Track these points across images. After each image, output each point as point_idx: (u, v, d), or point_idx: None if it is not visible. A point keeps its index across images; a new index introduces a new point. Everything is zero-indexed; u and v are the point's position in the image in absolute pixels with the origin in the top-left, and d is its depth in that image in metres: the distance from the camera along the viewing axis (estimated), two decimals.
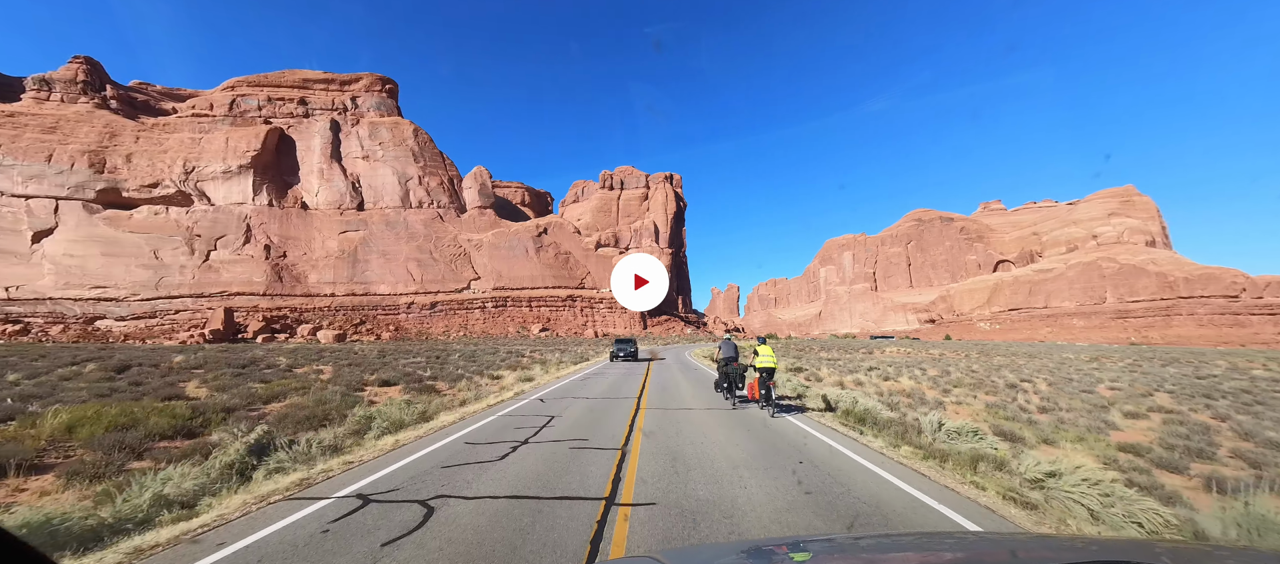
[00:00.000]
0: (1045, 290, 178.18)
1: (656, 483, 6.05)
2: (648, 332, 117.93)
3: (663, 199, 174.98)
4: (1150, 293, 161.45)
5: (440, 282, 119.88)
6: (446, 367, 27.54)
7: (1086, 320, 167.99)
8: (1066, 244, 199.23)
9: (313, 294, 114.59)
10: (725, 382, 14.06)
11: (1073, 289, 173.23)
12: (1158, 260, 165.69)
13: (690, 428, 10.54)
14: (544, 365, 28.75)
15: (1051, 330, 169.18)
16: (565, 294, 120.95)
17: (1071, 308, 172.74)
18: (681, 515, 4.92)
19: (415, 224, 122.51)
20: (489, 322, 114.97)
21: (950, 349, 77.94)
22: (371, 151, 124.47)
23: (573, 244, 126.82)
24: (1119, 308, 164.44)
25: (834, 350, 69.18)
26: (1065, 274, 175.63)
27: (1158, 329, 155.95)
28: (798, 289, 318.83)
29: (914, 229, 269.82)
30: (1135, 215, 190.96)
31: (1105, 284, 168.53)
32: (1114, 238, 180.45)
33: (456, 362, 33.14)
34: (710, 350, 63.28)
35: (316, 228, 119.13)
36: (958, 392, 21.23)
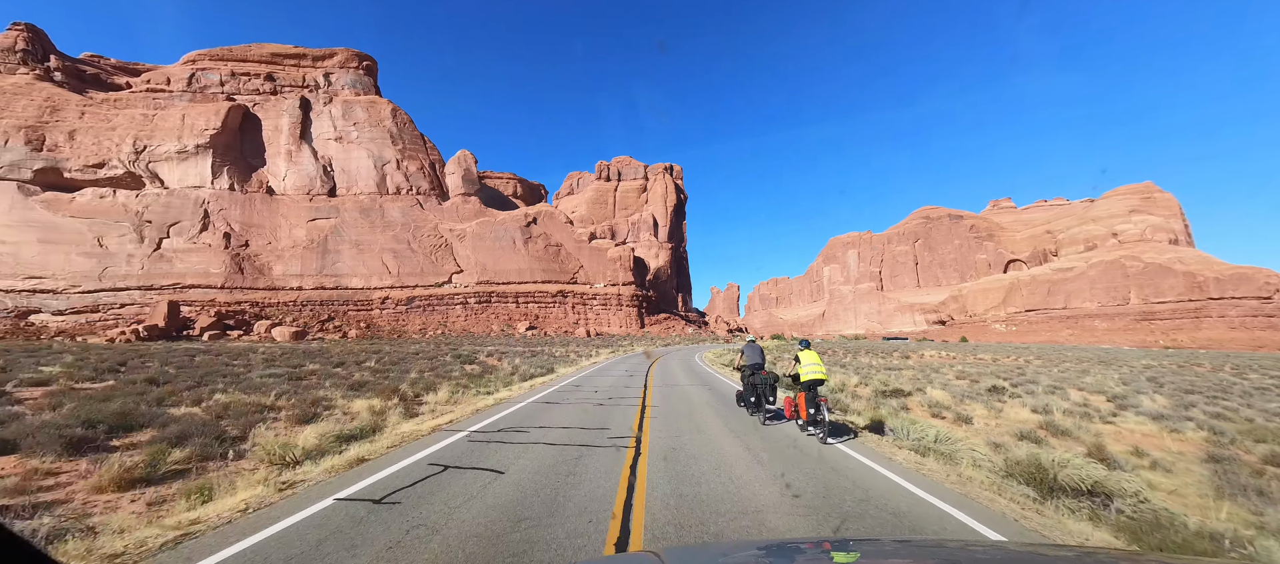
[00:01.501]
0: (1065, 290, 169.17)
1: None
2: (645, 331, 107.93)
3: (662, 191, 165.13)
4: (1177, 293, 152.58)
5: (419, 275, 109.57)
6: (387, 376, 17.70)
7: (1109, 322, 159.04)
8: (1084, 242, 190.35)
9: (277, 287, 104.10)
10: (752, 395, 10.71)
11: (1094, 289, 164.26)
12: (1185, 259, 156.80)
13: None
14: (506, 379, 18.71)
15: (1072, 333, 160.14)
16: (555, 290, 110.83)
17: (1093, 309, 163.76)
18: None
19: (392, 212, 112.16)
20: (471, 319, 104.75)
21: (988, 353, 68.24)
22: (345, 132, 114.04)
23: (564, 235, 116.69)
24: (1144, 309, 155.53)
25: (858, 353, 59.37)
26: (1086, 273, 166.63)
27: (1186, 331, 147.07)
28: (800, 288, 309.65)
29: (922, 227, 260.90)
30: (1157, 212, 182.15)
31: (1129, 284, 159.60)
32: (1137, 235, 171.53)
33: (393, 371, 22.99)
34: (720, 353, 53.51)
35: (283, 215, 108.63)
36: (1131, 421, 12.30)
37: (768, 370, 10.89)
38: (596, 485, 5.64)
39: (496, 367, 26.02)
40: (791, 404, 9.84)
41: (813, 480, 6.09)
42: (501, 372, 21.33)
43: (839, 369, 31.68)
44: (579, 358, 36.19)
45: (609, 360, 33.98)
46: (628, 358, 38.05)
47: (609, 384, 18.60)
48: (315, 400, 12.01)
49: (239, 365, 23.63)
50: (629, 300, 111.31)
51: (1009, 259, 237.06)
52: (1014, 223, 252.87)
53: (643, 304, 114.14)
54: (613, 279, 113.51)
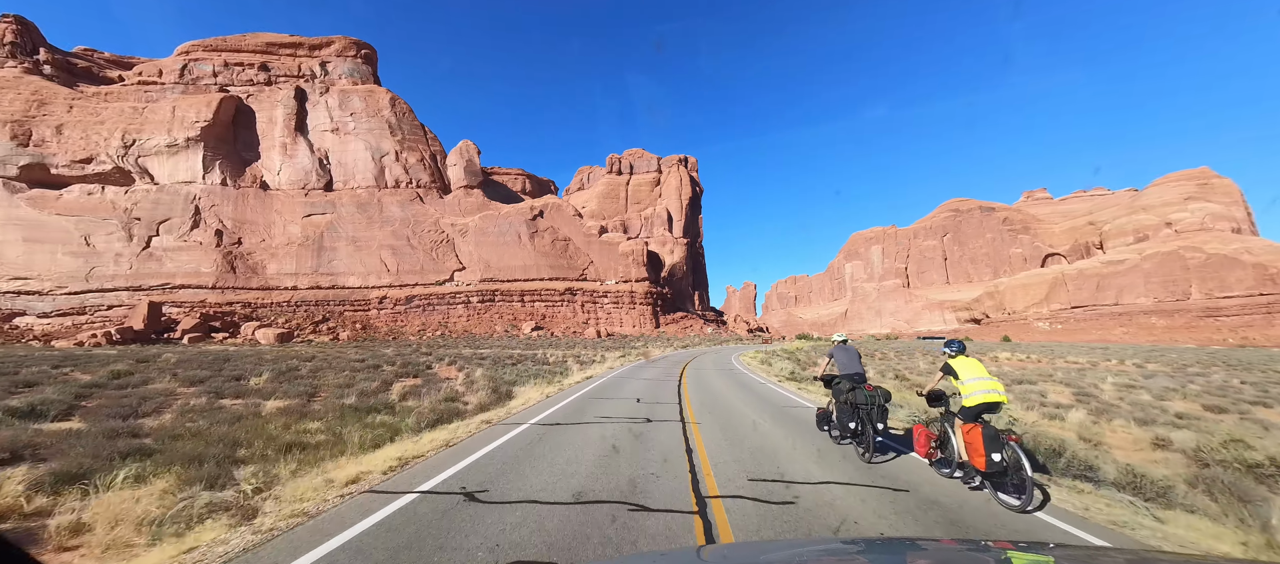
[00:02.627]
0: (1116, 285, 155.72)
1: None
2: (660, 331, 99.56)
3: (676, 183, 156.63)
4: (1246, 287, 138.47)
5: (418, 272, 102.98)
6: (350, 392, 9.91)
7: (1168, 319, 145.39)
8: (1135, 233, 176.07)
9: (270, 287, 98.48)
10: (850, 418, 7.55)
11: (1150, 283, 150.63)
12: (1253, 249, 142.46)
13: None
14: (499, 395, 10.43)
15: (1126, 331, 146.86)
16: (563, 287, 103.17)
17: (1148, 304, 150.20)
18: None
19: (391, 206, 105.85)
20: (474, 318, 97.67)
21: (1054, 354, 58.18)
22: (342, 123, 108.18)
23: (573, 229, 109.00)
24: (1207, 305, 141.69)
25: (911, 355, 50.08)
26: (1140, 266, 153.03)
27: (1258, 329, 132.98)
28: (820, 286, 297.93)
29: (950, 220, 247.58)
30: (1216, 199, 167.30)
31: (1190, 277, 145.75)
32: (1196, 224, 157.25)
33: (375, 378, 14.95)
34: (759, 355, 45.11)
35: (277, 211, 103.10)
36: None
37: (874, 384, 7.73)
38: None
39: (447, 378, 18.04)
40: (929, 438, 6.83)
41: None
42: (444, 394, 13.22)
43: (905, 376, 23.10)
44: (581, 363, 28.12)
45: (617, 371, 25.84)
46: (644, 365, 29.84)
47: (630, 398, 10.58)
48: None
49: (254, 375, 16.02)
50: (643, 298, 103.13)
51: (1047, 253, 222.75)
52: (1051, 215, 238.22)
53: (657, 302, 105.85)
54: (625, 276, 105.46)
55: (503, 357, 33.52)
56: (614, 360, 31.32)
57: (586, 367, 25.83)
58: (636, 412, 11.88)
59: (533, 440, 8.23)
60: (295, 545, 3.92)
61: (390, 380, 17.63)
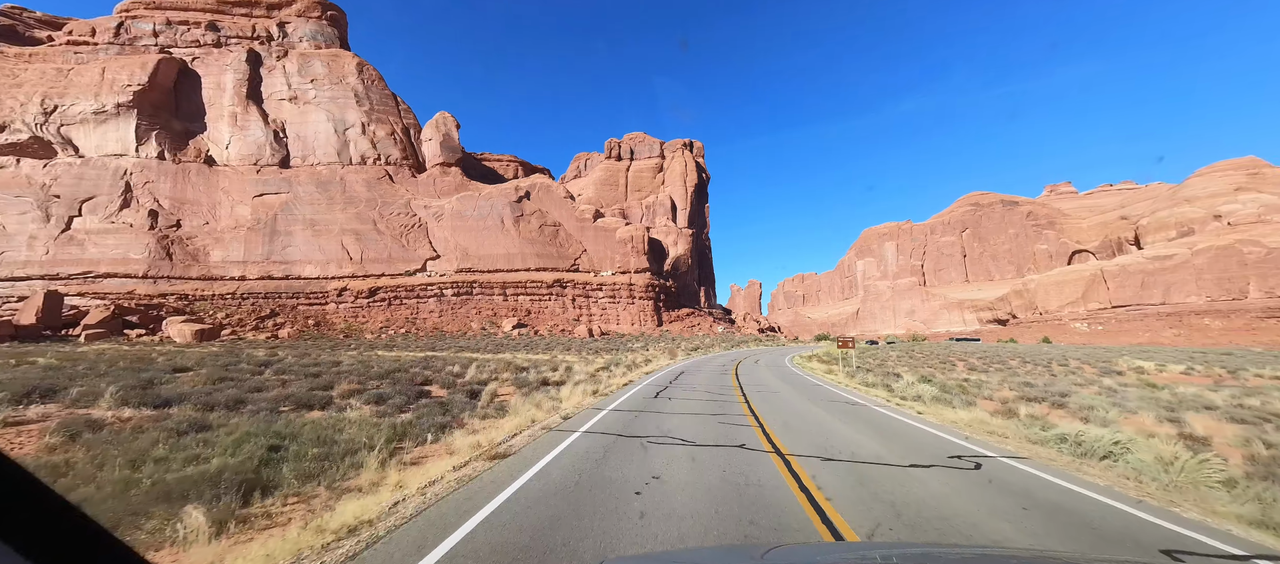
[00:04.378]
0: (1162, 283, 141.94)
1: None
2: (664, 329, 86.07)
3: (681, 169, 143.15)
4: None
5: (385, 261, 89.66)
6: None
7: (1224, 320, 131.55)
8: (1177, 227, 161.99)
9: (213, 277, 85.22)
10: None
11: (1202, 281, 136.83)
12: None
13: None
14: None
15: (1177, 332, 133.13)
16: (552, 279, 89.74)
17: (1200, 304, 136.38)
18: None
19: (355, 185, 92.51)
20: (447, 314, 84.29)
21: (1141, 359, 44.54)
22: (301, 91, 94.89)
23: (564, 213, 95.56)
24: (1269, 304, 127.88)
25: (1007, 361, 36.70)
26: (1191, 262, 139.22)
27: None
28: (829, 285, 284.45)
29: (970, 215, 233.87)
30: (1268, 190, 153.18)
31: (1247, 274, 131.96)
32: (1252, 217, 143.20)
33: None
34: (817, 359, 31.85)
35: (224, 190, 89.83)
36: None
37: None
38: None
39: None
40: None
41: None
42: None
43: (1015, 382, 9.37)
44: (557, 376, 14.72)
45: (607, 405, 12.52)
46: (667, 382, 16.60)
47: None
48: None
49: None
50: (643, 291, 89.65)
51: (1074, 249, 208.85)
52: (1078, 209, 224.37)
53: (660, 296, 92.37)
54: (623, 265, 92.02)
55: (475, 361, 20.13)
56: (618, 371, 17.95)
57: (576, 382, 12.30)
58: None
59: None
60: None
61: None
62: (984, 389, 16.98)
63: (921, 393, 12.99)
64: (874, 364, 29.04)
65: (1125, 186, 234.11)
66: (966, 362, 38.71)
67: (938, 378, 19.85)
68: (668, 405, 11.23)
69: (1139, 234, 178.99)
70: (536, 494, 5.56)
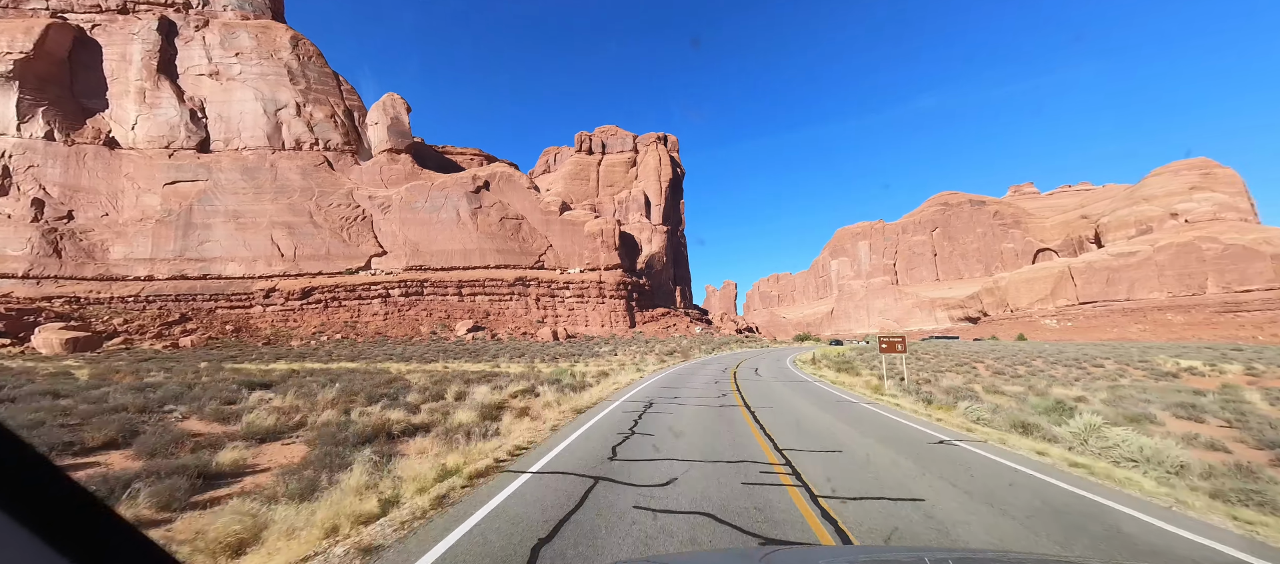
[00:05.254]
0: (1127, 279, 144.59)
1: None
2: (636, 331, 79.14)
3: (655, 164, 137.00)
4: (1267, 280, 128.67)
5: (324, 257, 79.63)
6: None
7: (1185, 315, 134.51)
8: (1137, 225, 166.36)
9: (113, 276, 73.40)
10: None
11: (1163, 277, 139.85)
12: (1272, 240, 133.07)
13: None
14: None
15: (1143, 328, 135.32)
16: (514, 277, 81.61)
17: (1162, 300, 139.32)
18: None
19: (289, 173, 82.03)
20: (393, 317, 75.02)
21: (1113, 356, 40.74)
22: (224, 65, 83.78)
23: (528, 206, 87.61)
24: (1226, 299, 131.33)
25: (1019, 361, 31.55)
26: (1152, 259, 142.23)
27: None
28: (804, 285, 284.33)
29: (940, 215, 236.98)
30: (1220, 189, 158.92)
31: (1206, 270, 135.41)
32: (1208, 214, 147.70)
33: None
34: (794, 357, 24.57)
35: (128, 175, 77.91)
36: None
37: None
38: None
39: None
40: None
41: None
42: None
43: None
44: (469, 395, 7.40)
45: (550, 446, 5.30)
46: (629, 421, 9.11)
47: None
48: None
49: None
50: (614, 290, 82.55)
51: (1038, 248, 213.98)
52: (1041, 209, 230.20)
53: (633, 295, 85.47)
54: (591, 262, 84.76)
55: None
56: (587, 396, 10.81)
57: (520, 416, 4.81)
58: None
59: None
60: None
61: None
62: (1139, 415, 10.77)
63: (1134, 446, 6.53)
64: (915, 372, 22.96)
65: (1083, 188, 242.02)
66: (984, 363, 33.30)
67: (1030, 396, 13.59)
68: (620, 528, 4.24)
69: (1099, 232, 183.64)
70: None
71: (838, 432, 8.65)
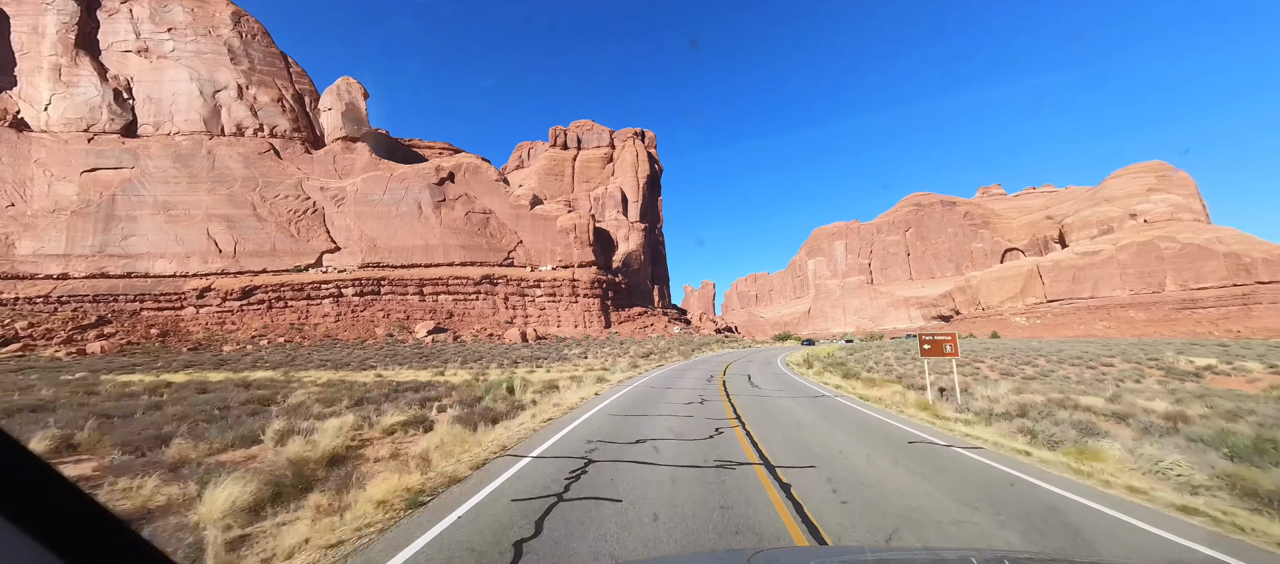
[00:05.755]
0: (1092, 277, 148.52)
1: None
2: (612, 331, 75.02)
3: (632, 159, 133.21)
4: (1220, 278, 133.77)
5: (269, 254, 72.73)
6: None
7: (1146, 312, 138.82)
8: (1098, 225, 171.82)
9: (19, 275, 64.99)
10: None
11: (1125, 275, 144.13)
12: (1225, 239, 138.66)
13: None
14: None
15: (1108, 325, 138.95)
16: (480, 274, 76.40)
17: (1124, 298, 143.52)
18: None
19: (229, 161, 74.72)
20: (346, 319, 68.87)
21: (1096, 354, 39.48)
22: (154, 42, 75.87)
23: (495, 199, 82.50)
24: (1183, 296, 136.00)
25: (1036, 361, 29.03)
26: (1115, 257, 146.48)
27: (1236, 320, 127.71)
28: (781, 284, 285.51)
29: (913, 215, 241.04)
30: (1175, 191, 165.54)
31: (1165, 268, 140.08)
32: (1166, 215, 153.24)
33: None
34: (786, 358, 19.21)
35: (39, 162, 69.37)
36: None
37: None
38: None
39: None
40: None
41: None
42: None
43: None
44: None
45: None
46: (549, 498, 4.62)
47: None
48: None
49: None
50: (588, 288, 78.24)
51: (1006, 247, 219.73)
52: (1008, 210, 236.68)
53: (608, 293, 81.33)
54: (564, 259, 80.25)
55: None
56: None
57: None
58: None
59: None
60: None
61: None
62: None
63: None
64: (944, 376, 19.62)
65: (1047, 189, 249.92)
66: (985, 363, 30.61)
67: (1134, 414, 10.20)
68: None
69: (1063, 232, 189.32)
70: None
71: (990, 534, 4.47)
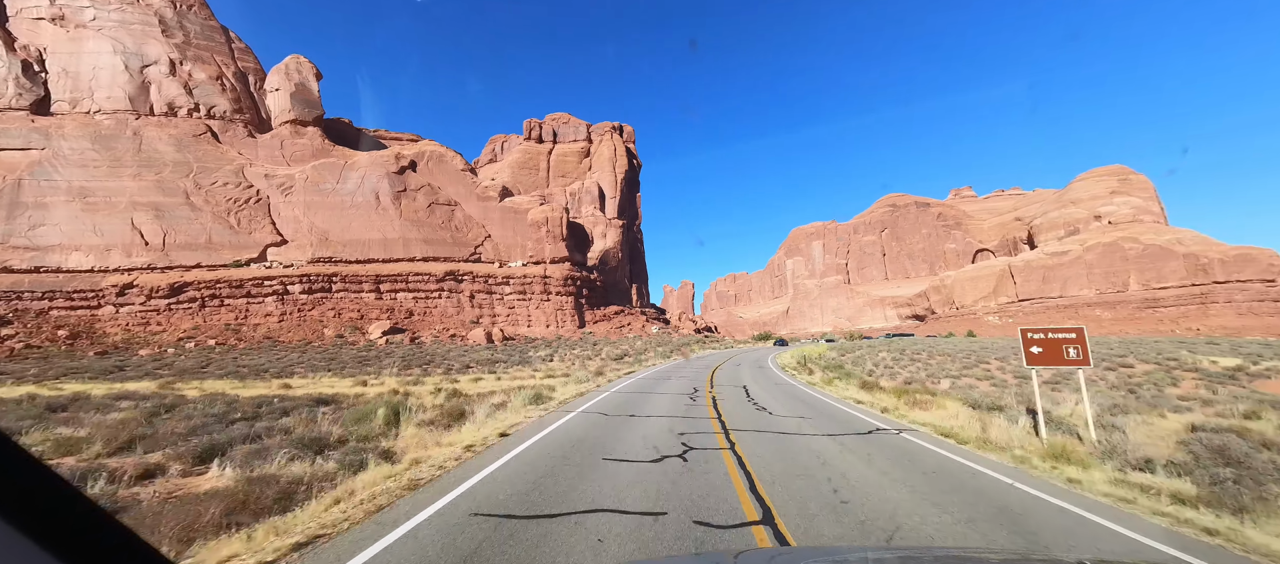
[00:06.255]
0: (1060, 277, 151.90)
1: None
2: (586, 331, 70.67)
3: (610, 154, 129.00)
4: (1180, 277, 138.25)
5: (205, 247, 65.65)
6: None
7: (1111, 311, 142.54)
8: (1065, 226, 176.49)
9: None
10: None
11: (1092, 275, 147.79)
12: (1184, 240, 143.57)
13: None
14: None
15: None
16: (444, 270, 70.95)
17: (1091, 297, 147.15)
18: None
19: (159, 144, 67.22)
20: (292, 318, 62.54)
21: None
22: (71, 9, 67.77)
23: (462, 190, 77.15)
24: (1146, 295, 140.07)
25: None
26: (1083, 258, 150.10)
27: (1194, 318, 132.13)
28: (760, 284, 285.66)
29: (888, 216, 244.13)
30: (1136, 194, 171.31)
31: (1129, 268, 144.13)
32: (1129, 216, 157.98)
33: None
34: (776, 360, 15.40)
35: None
36: None
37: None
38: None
39: None
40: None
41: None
42: None
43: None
44: None
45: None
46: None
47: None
48: None
49: None
50: (561, 286, 73.67)
51: (978, 248, 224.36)
52: (979, 211, 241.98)
53: (583, 291, 76.93)
54: (536, 254, 75.47)
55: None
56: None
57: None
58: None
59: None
60: None
61: None
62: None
63: None
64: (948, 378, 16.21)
65: (1015, 192, 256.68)
66: (992, 364, 27.72)
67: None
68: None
69: (1032, 233, 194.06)
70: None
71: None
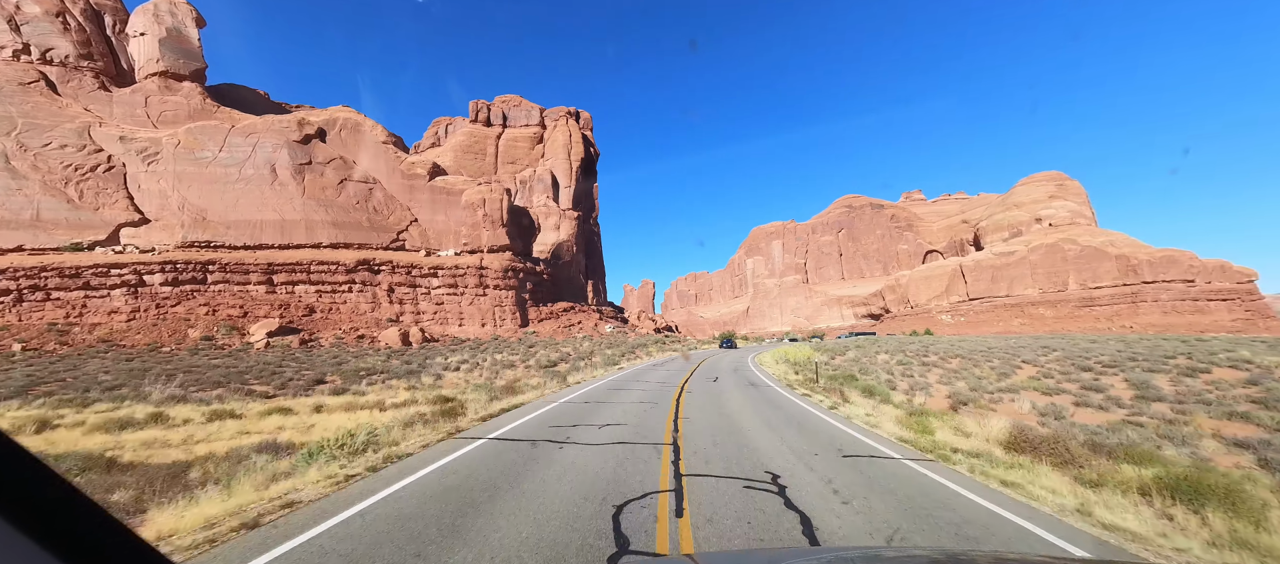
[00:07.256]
0: (1008, 277, 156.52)
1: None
2: (529, 330, 61.30)
3: (565, 140, 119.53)
4: (1113, 278, 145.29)
5: (30, 224, 51.27)
6: None
7: (1053, 310, 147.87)
8: (1009, 228, 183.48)
9: None
10: None
11: (1036, 275, 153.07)
12: (1116, 242, 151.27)
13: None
14: None
15: (1023, 322, 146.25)
16: (356, 259, 59.53)
17: (1035, 296, 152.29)
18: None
19: None
20: (148, 316, 49.52)
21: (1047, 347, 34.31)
22: None
23: (383, 166, 65.77)
24: (1083, 295, 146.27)
25: (1041, 360, 19.85)
26: (1027, 258, 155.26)
27: (1126, 317, 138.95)
28: (721, 284, 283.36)
29: (845, 216, 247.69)
30: (1071, 198, 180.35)
31: (1068, 269, 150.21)
32: (1067, 219, 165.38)
33: None
34: (764, 359, 15.86)
35: None
36: None
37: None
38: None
39: None
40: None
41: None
42: None
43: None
44: None
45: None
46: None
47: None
48: None
49: None
50: (500, 278, 63.89)
51: (928, 249, 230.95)
52: (929, 214, 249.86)
53: (527, 285, 67.40)
54: (471, 242, 65.30)
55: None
56: None
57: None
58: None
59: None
60: None
61: None
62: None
63: None
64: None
65: (960, 196, 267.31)
66: (985, 363, 21.41)
67: None
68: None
69: (978, 235, 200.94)
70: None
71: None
